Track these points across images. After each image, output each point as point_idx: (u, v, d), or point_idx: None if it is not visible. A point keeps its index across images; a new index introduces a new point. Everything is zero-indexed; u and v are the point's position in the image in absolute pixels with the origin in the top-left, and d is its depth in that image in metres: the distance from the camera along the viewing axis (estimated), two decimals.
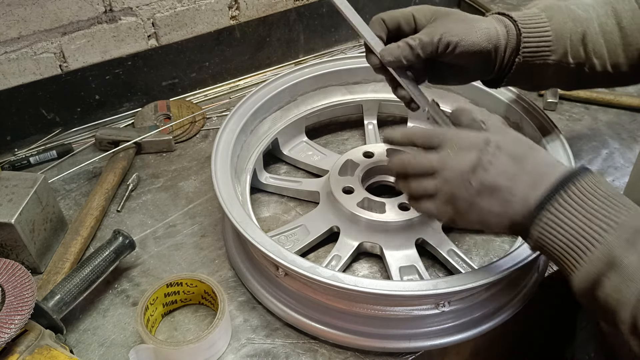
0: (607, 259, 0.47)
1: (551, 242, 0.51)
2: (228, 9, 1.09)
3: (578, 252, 0.49)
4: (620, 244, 0.47)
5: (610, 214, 0.49)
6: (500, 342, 0.88)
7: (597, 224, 0.48)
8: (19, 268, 0.62)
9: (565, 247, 0.50)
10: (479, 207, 0.54)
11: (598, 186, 0.50)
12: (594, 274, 0.48)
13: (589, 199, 0.50)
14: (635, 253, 0.46)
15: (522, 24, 0.68)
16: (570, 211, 0.50)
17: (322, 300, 0.67)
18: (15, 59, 0.92)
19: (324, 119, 1.01)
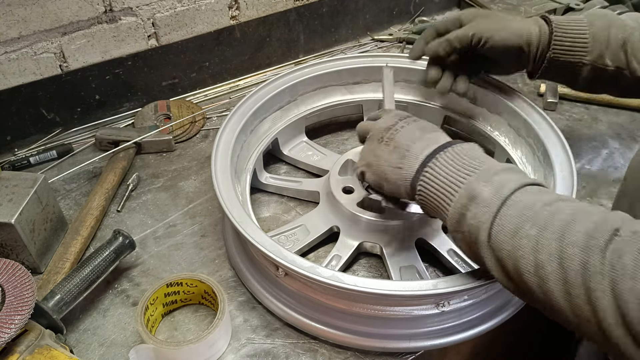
0: (468, 194, 0.56)
1: (428, 192, 0.61)
2: (228, 9, 1.09)
3: (448, 196, 0.58)
4: (478, 182, 0.56)
5: (474, 165, 0.58)
6: (500, 342, 0.88)
7: (463, 172, 0.58)
8: (19, 268, 0.62)
9: (438, 194, 0.59)
10: (383, 159, 0.65)
11: (472, 150, 0.61)
12: (459, 209, 0.57)
13: (461, 157, 0.60)
14: (490, 187, 0.55)
15: (557, 24, 0.79)
16: (445, 165, 0.60)
17: (322, 300, 0.67)
18: (16, 59, 0.92)
19: (324, 119, 1.01)
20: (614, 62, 0.77)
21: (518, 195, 0.54)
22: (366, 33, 1.32)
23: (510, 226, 0.52)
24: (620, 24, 0.77)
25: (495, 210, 0.53)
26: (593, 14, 0.80)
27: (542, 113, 0.84)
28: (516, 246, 0.51)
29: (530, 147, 0.84)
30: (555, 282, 0.48)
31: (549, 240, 0.49)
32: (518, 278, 0.52)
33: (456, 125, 0.99)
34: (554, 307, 0.49)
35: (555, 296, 0.48)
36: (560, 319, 0.50)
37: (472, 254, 0.58)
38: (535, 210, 0.52)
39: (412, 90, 0.98)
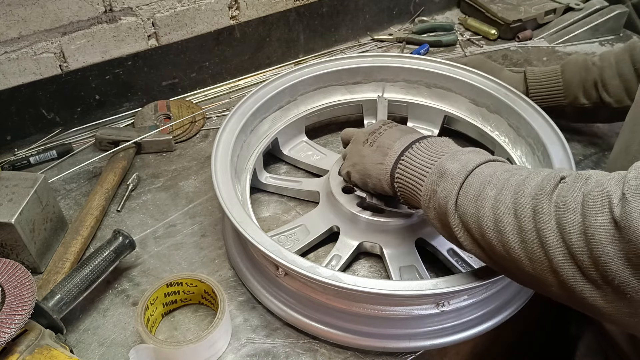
0: (438, 171, 0.61)
1: (404, 179, 0.65)
2: (228, 8, 1.09)
3: (421, 177, 0.63)
4: (447, 161, 0.61)
5: (444, 150, 0.63)
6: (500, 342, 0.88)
7: (434, 156, 0.63)
8: (19, 268, 0.62)
9: (413, 178, 0.64)
10: (366, 158, 0.71)
11: (445, 141, 0.67)
12: (430, 186, 0.61)
13: (434, 145, 0.65)
14: (457, 163, 0.60)
15: (532, 80, 0.95)
16: (418, 153, 0.65)
17: (322, 300, 0.67)
18: (16, 59, 0.92)
19: (324, 119, 1.01)
20: (589, 100, 0.92)
21: (482, 167, 0.59)
22: (366, 33, 1.32)
23: (473, 192, 0.56)
24: (589, 67, 0.91)
25: (462, 181, 0.58)
26: (566, 63, 0.94)
27: (542, 112, 0.85)
28: (478, 207, 0.55)
29: (530, 146, 0.84)
30: (512, 232, 0.52)
31: (505, 196, 0.53)
32: (482, 238, 0.55)
33: (456, 125, 0.99)
34: (514, 260, 0.52)
35: (513, 246, 0.52)
36: (521, 275, 0.54)
37: (443, 227, 0.61)
38: (496, 176, 0.56)
39: (412, 90, 0.98)
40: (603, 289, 0.46)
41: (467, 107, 0.95)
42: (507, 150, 0.88)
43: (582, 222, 0.46)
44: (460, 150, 0.63)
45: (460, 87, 0.94)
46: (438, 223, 0.62)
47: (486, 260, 0.58)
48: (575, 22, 1.30)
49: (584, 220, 0.46)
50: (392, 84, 0.99)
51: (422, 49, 1.26)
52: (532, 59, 1.24)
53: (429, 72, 0.95)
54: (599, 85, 0.90)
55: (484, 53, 1.27)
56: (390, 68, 0.97)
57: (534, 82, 0.95)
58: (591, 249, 0.45)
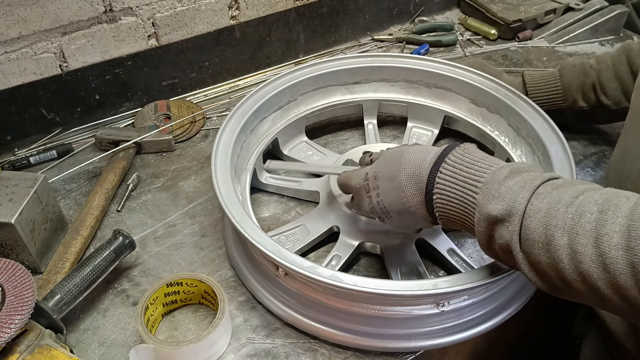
0: (484, 217, 0.54)
1: (450, 220, 0.59)
2: (228, 8, 1.09)
3: (468, 219, 0.57)
4: (488, 201, 0.54)
5: (476, 177, 0.56)
6: (500, 342, 0.88)
7: (469, 190, 0.56)
8: (19, 268, 0.62)
9: (460, 217, 0.58)
10: (396, 224, 0.66)
11: (464, 156, 0.58)
12: (483, 233, 0.55)
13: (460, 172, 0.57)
14: (502, 202, 0.53)
15: (531, 84, 0.95)
16: (449, 189, 0.57)
17: (322, 300, 0.67)
18: (16, 59, 0.92)
19: (324, 119, 1.01)
20: (588, 103, 0.92)
21: (535, 203, 0.51)
22: (366, 33, 1.32)
23: (539, 238, 0.50)
24: (587, 70, 0.91)
25: (518, 227, 0.52)
26: (563, 67, 0.94)
27: (542, 112, 0.84)
28: (554, 259, 0.49)
29: (530, 146, 0.84)
30: (606, 288, 0.46)
31: (584, 247, 0.47)
32: (565, 286, 0.50)
33: (456, 125, 0.99)
34: (615, 307, 0.48)
35: (611, 299, 0.47)
36: (622, 315, 0.50)
37: (511, 266, 0.57)
38: (559, 217, 0.49)
39: (412, 90, 0.98)
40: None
41: (467, 107, 0.95)
42: (507, 150, 0.88)
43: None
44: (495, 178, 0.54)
45: (460, 87, 0.94)
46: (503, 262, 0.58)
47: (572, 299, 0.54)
48: (575, 22, 1.30)
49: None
50: (392, 84, 0.99)
51: (422, 49, 1.26)
52: (532, 59, 1.24)
53: (429, 72, 0.95)
54: (597, 88, 0.90)
55: (484, 53, 1.27)
56: (390, 68, 0.97)
57: (533, 87, 0.95)
58: None
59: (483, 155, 0.59)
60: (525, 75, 0.97)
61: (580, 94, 0.92)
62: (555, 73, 0.95)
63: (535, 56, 1.25)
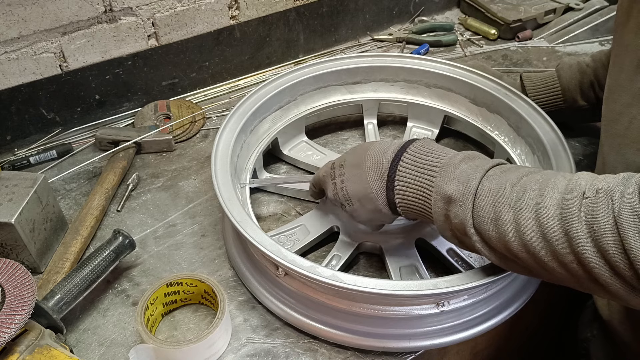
0: (441, 197, 0.58)
1: (408, 207, 0.63)
2: (228, 8, 1.09)
3: (426, 204, 0.61)
4: (444, 182, 0.58)
5: (434, 163, 0.60)
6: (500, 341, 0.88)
7: (428, 175, 0.60)
8: (19, 268, 0.62)
9: (419, 203, 0.62)
10: (357, 212, 0.69)
11: (423, 146, 0.63)
12: (440, 212, 0.59)
13: (419, 159, 0.62)
14: (457, 183, 0.57)
15: (529, 86, 0.96)
16: (410, 174, 0.62)
17: (322, 300, 0.67)
18: (15, 59, 0.92)
19: (324, 118, 1.01)
20: (587, 101, 0.93)
21: (485, 184, 0.56)
22: (366, 33, 1.32)
23: (488, 215, 0.55)
24: (583, 69, 0.92)
25: (470, 205, 0.56)
26: (560, 68, 0.95)
27: (542, 112, 0.85)
28: (501, 232, 0.54)
29: (530, 146, 0.84)
30: (546, 256, 0.51)
31: (526, 219, 0.52)
32: (513, 258, 0.55)
33: (456, 125, 0.99)
34: (555, 275, 0.53)
35: (552, 267, 0.52)
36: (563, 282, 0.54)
37: (465, 246, 0.60)
38: (505, 195, 0.54)
39: (412, 89, 0.98)
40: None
41: (467, 107, 0.95)
42: (507, 150, 0.88)
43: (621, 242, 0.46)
44: (451, 162, 0.59)
45: (460, 87, 0.94)
46: (458, 242, 0.61)
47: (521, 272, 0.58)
48: (575, 22, 1.30)
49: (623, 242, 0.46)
50: (392, 83, 0.99)
51: (422, 49, 1.26)
52: (532, 59, 1.24)
53: (429, 72, 0.95)
54: (595, 85, 0.91)
55: (484, 53, 1.27)
56: (390, 68, 0.97)
57: (532, 89, 0.96)
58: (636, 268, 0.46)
59: (440, 146, 0.64)
60: (523, 77, 0.98)
61: (579, 93, 0.93)
62: (553, 74, 0.96)
63: (535, 56, 1.25)
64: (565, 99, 0.94)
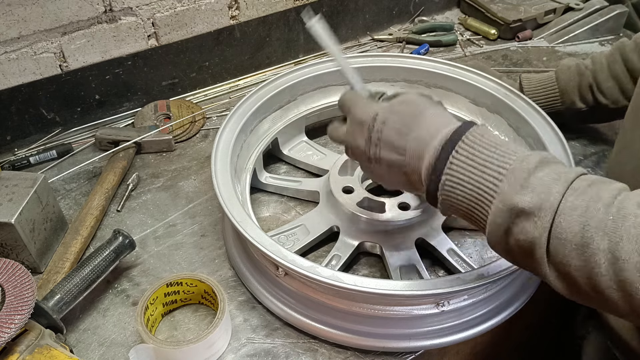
0: (507, 208, 0.48)
1: (454, 205, 0.53)
2: (228, 8, 1.09)
3: (481, 210, 0.51)
4: (515, 191, 0.48)
5: (500, 163, 0.50)
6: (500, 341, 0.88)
7: (491, 177, 0.50)
8: (19, 268, 0.62)
9: (469, 204, 0.52)
10: (378, 173, 0.61)
11: (484, 137, 0.52)
12: (501, 224, 0.49)
13: (480, 155, 0.51)
14: (532, 194, 0.47)
15: (528, 87, 0.96)
16: (465, 171, 0.51)
17: (322, 300, 0.67)
18: (15, 59, 0.92)
19: (324, 118, 1.01)
20: (585, 104, 0.93)
21: (569, 199, 0.47)
22: (366, 33, 1.32)
23: (573, 239, 0.45)
24: (582, 71, 0.92)
25: (549, 224, 0.47)
26: (559, 70, 0.95)
27: (542, 112, 0.85)
28: (589, 263, 0.45)
29: (530, 146, 0.84)
30: None
31: (629, 253, 0.43)
32: (595, 294, 0.46)
33: None
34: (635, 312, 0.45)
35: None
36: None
37: (523, 267, 0.53)
38: (598, 218, 0.45)
39: (412, 89, 0.98)
40: None
41: (467, 107, 0.95)
42: None
43: None
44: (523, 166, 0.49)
45: (460, 87, 0.94)
46: (514, 260, 0.53)
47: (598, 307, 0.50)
48: (575, 22, 1.30)
49: None
50: (392, 83, 0.99)
51: (422, 49, 1.26)
52: (532, 59, 1.24)
53: (429, 72, 0.95)
54: (594, 88, 0.91)
55: (484, 53, 1.27)
56: (390, 68, 0.97)
57: (530, 91, 0.96)
58: None
59: (503, 140, 0.53)
60: (522, 79, 0.98)
61: (578, 95, 0.93)
62: (551, 76, 0.96)
63: (535, 56, 1.25)
64: (563, 101, 0.95)
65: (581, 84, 0.92)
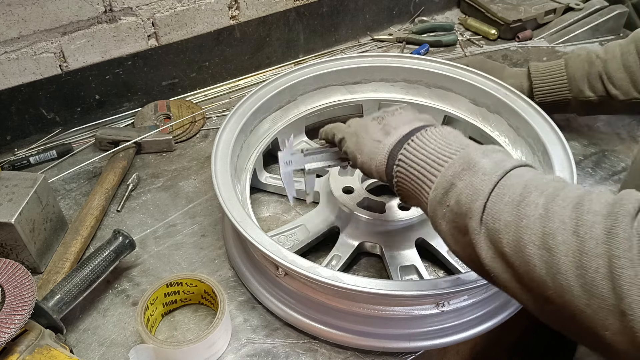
0: (464, 162, 0.51)
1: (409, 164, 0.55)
2: (228, 8, 1.09)
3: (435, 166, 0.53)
4: (475, 152, 0.51)
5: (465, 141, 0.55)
6: (500, 342, 0.88)
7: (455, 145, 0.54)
8: (19, 268, 0.62)
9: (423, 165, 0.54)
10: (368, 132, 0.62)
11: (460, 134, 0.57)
12: (450, 178, 0.51)
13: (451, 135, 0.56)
14: (489, 159, 0.50)
15: (535, 74, 0.95)
16: (433, 139, 0.55)
17: (322, 300, 0.67)
18: (15, 59, 0.92)
19: (324, 119, 1.01)
20: (595, 93, 0.91)
21: (520, 170, 0.49)
22: (366, 33, 1.32)
23: (512, 195, 0.46)
24: (592, 60, 0.90)
25: (496, 179, 0.48)
26: (569, 57, 0.94)
27: (542, 112, 0.84)
28: (520, 215, 0.45)
29: (530, 146, 0.84)
30: (567, 254, 0.41)
31: (562, 208, 0.43)
32: (515, 253, 0.45)
33: (456, 125, 0.99)
34: (559, 288, 0.42)
35: (564, 271, 0.41)
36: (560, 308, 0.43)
37: (454, 229, 0.51)
38: (542, 183, 0.47)
39: (412, 89, 0.98)
40: None
41: (467, 107, 0.95)
42: (507, 150, 0.88)
43: None
44: (487, 147, 0.53)
45: (460, 87, 0.94)
46: (447, 225, 0.51)
47: (507, 281, 0.47)
48: (575, 22, 1.30)
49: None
50: (392, 84, 0.99)
51: (422, 49, 1.26)
52: (532, 59, 1.24)
53: (429, 72, 0.95)
54: (604, 77, 0.89)
55: (484, 53, 1.27)
56: (390, 68, 0.97)
57: (538, 77, 0.95)
58: None
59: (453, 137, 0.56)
60: (530, 65, 0.97)
61: (587, 84, 0.91)
62: (560, 63, 0.94)
63: (535, 56, 1.25)
64: (570, 89, 0.93)
65: (590, 72, 0.90)
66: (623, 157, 0.98)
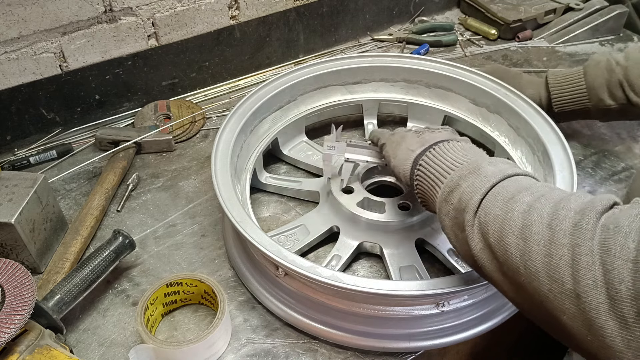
0: (471, 167, 0.57)
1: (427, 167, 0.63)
2: (228, 8, 1.09)
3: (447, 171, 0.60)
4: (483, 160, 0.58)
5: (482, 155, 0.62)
6: (500, 342, 0.88)
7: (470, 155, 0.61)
8: (19, 268, 0.62)
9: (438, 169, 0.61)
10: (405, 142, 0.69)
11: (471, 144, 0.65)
12: (457, 179, 0.57)
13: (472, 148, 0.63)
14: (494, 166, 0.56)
15: (553, 84, 0.94)
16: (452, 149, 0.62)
17: (322, 300, 0.67)
18: (15, 59, 0.92)
19: (324, 119, 1.01)
20: (615, 100, 0.89)
21: (521, 177, 0.55)
22: (366, 33, 1.32)
23: (505, 194, 0.52)
24: (612, 67, 0.89)
25: (495, 181, 0.54)
26: (587, 65, 0.92)
27: (542, 113, 0.85)
28: (506, 209, 0.50)
29: (530, 147, 0.84)
30: (538, 243, 0.46)
31: (543, 205, 0.48)
32: (497, 242, 0.50)
33: (456, 125, 0.99)
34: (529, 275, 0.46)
35: (534, 258, 0.46)
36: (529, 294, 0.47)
37: (454, 226, 0.56)
38: (535, 187, 0.52)
39: (412, 90, 0.98)
40: (630, 329, 0.39)
41: (467, 107, 0.95)
42: (507, 151, 0.88)
43: (636, 249, 0.39)
44: (497, 158, 0.60)
45: (460, 87, 0.94)
46: (450, 222, 0.57)
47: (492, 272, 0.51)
48: (575, 22, 1.30)
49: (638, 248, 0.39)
50: (392, 84, 0.99)
51: (422, 49, 1.26)
52: (532, 59, 1.24)
53: (429, 72, 0.95)
54: (625, 85, 0.87)
55: (484, 53, 1.27)
56: (390, 68, 0.97)
57: (556, 87, 0.93)
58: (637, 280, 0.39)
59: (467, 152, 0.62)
60: (548, 74, 0.95)
61: (607, 92, 0.89)
62: (579, 71, 0.92)
63: (535, 56, 1.25)
64: (590, 98, 0.91)
65: (610, 80, 0.88)
66: (623, 157, 0.98)
